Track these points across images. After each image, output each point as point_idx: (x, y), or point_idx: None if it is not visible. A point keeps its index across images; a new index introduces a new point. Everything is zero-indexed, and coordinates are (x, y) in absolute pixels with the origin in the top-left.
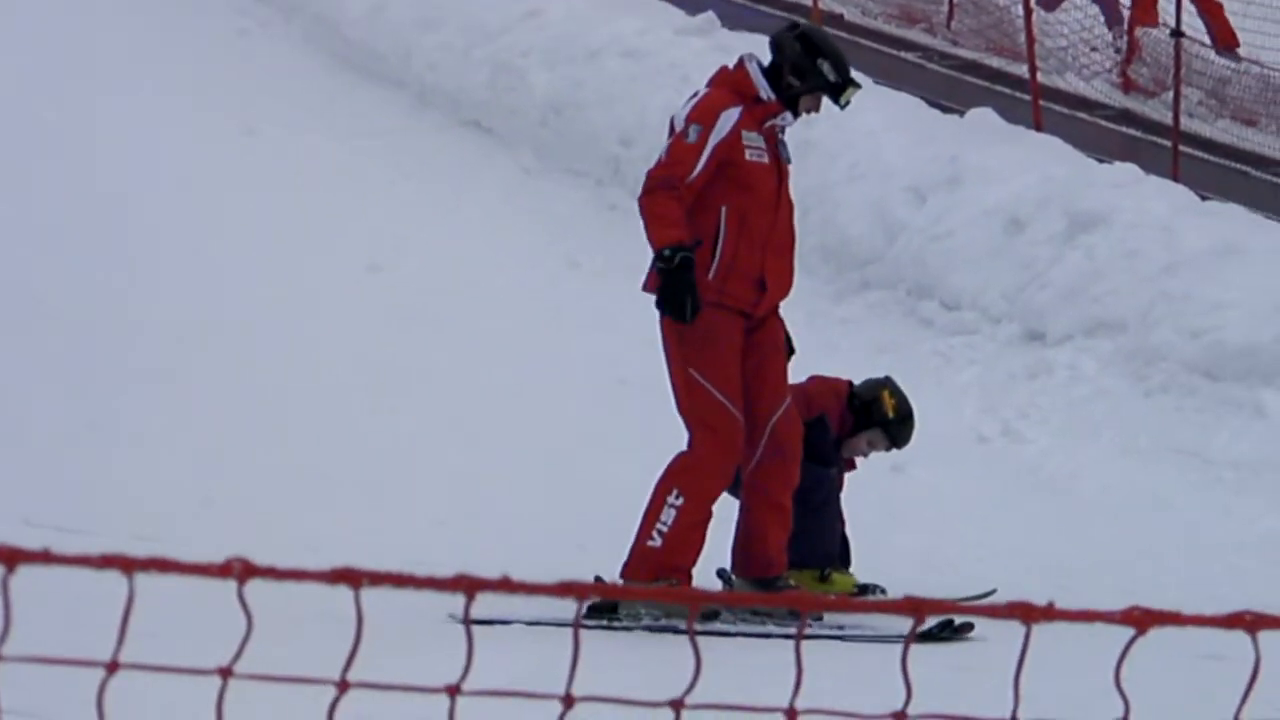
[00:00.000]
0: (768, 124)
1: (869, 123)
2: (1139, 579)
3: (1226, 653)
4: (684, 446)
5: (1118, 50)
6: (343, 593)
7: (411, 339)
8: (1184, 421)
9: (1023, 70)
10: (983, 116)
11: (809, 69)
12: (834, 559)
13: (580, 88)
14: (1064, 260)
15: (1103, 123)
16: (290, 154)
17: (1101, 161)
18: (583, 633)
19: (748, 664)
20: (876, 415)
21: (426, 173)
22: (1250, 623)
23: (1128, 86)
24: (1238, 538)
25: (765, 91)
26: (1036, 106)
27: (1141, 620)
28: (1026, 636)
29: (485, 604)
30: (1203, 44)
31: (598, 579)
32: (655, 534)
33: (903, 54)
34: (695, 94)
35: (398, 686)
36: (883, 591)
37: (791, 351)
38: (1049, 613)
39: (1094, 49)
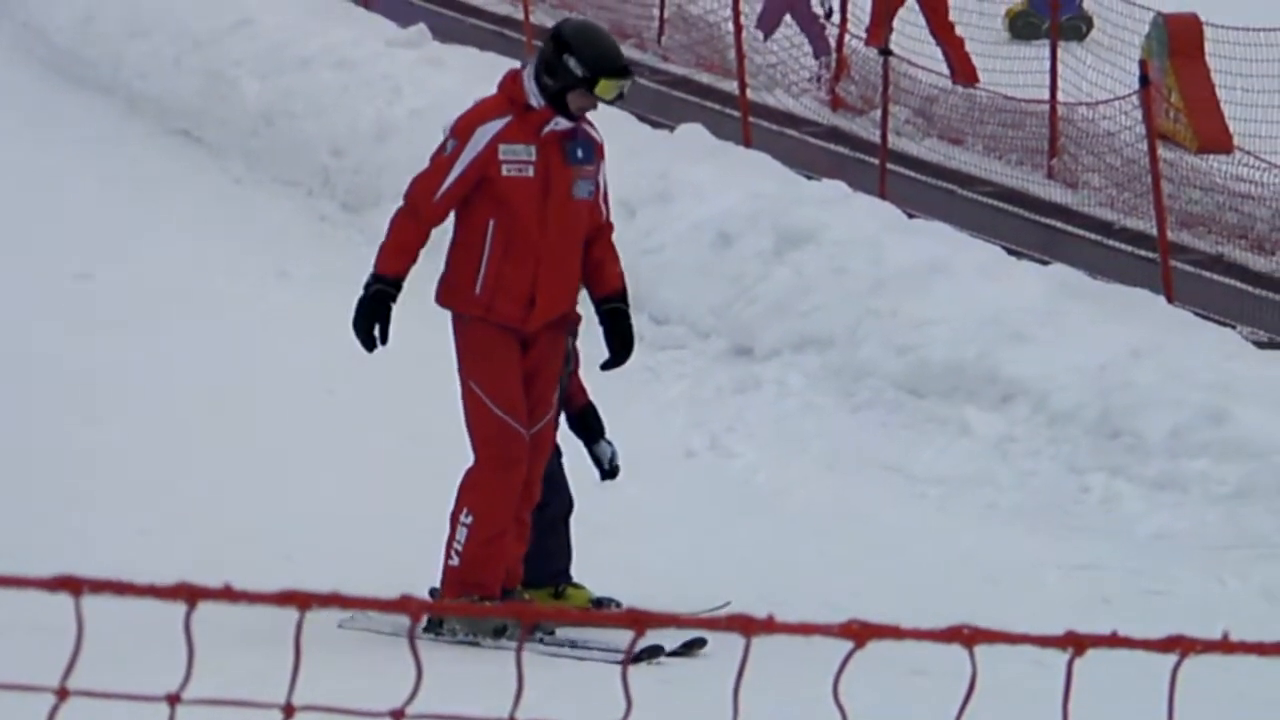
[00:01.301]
0: (545, 131)
1: None
2: (845, 593)
3: (931, 668)
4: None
5: (819, 80)
6: (63, 601)
7: (118, 348)
8: (889, 438)
9: (732, 86)
10: (692, 132)
11: (557, 65)
12: (567, 575)
13: (291, 98)
14: (772, 276)
15: (811, 140)
16: None
17: (810, 178)
18: (306, 643)
19: (472, 675)
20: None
21: (135, 181)
22: (968, 637)
23: (836, 104)
24: (942, 554)
25: (535, 98)
26: (746, 123)
27: (860, 633)
28: (746, 649)
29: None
30: (911, 63)
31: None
32: (454, 553)
33: None
34: (478, 100)
35: (117, 695)
36: (618, 605)
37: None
38: (769, 625)
39: (803, 66)
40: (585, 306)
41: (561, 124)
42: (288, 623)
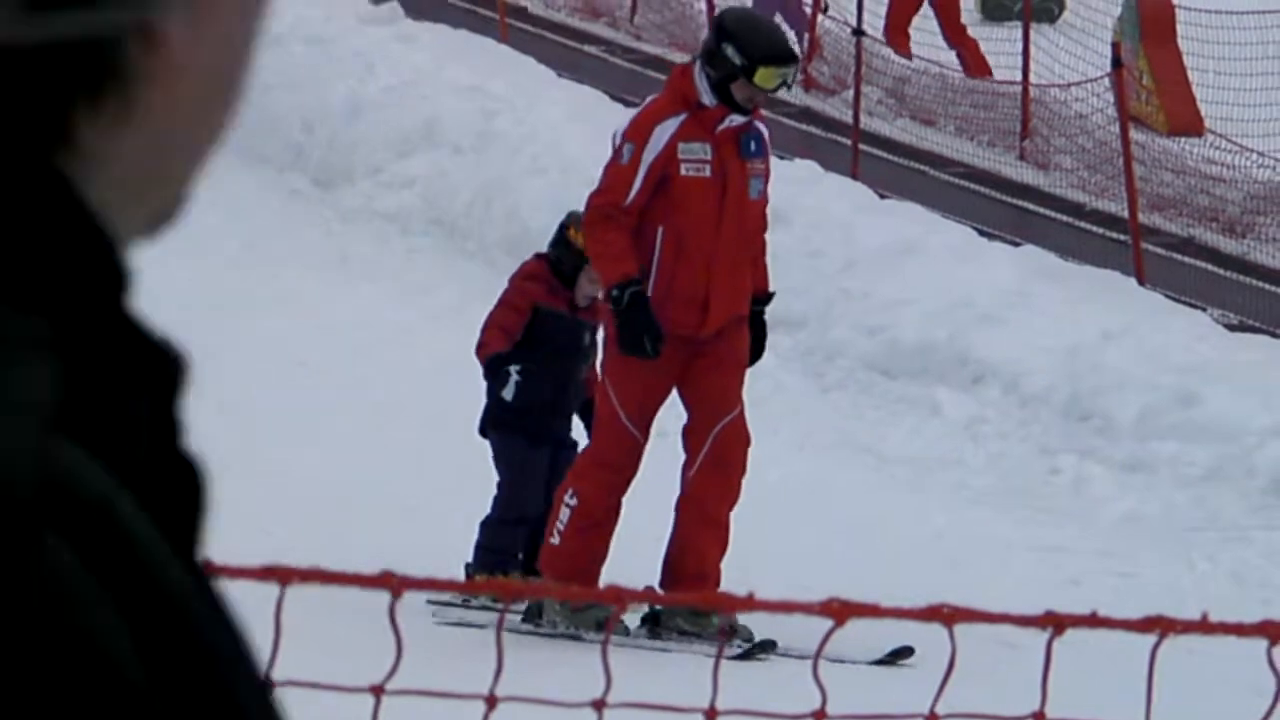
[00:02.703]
0: (720, 128)
1: (551, 116)
2: (814, 574)
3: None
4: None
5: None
6: None
7: None
8: (859, 418)
9: None
10: None
11: (717, 54)
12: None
13: (262, 73)
14: None
15: (784, 120)
16: None
17: (782, 159)
18: (286, 619)
19: (453, 652)
20: (577, 258)
21: None
22: (948, 616)
23: (809, 84)
24: (912, 535)
25: (706, 95)
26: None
27: (840, 611)
28: (730, 627)
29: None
30: (883, 43)
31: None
32: (555, 532)
33: (586, 47)
34: (645, 101)
35: None
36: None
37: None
38: (749, 604)
39: None
40: None
41: (736, 120)
42: (267, 599)
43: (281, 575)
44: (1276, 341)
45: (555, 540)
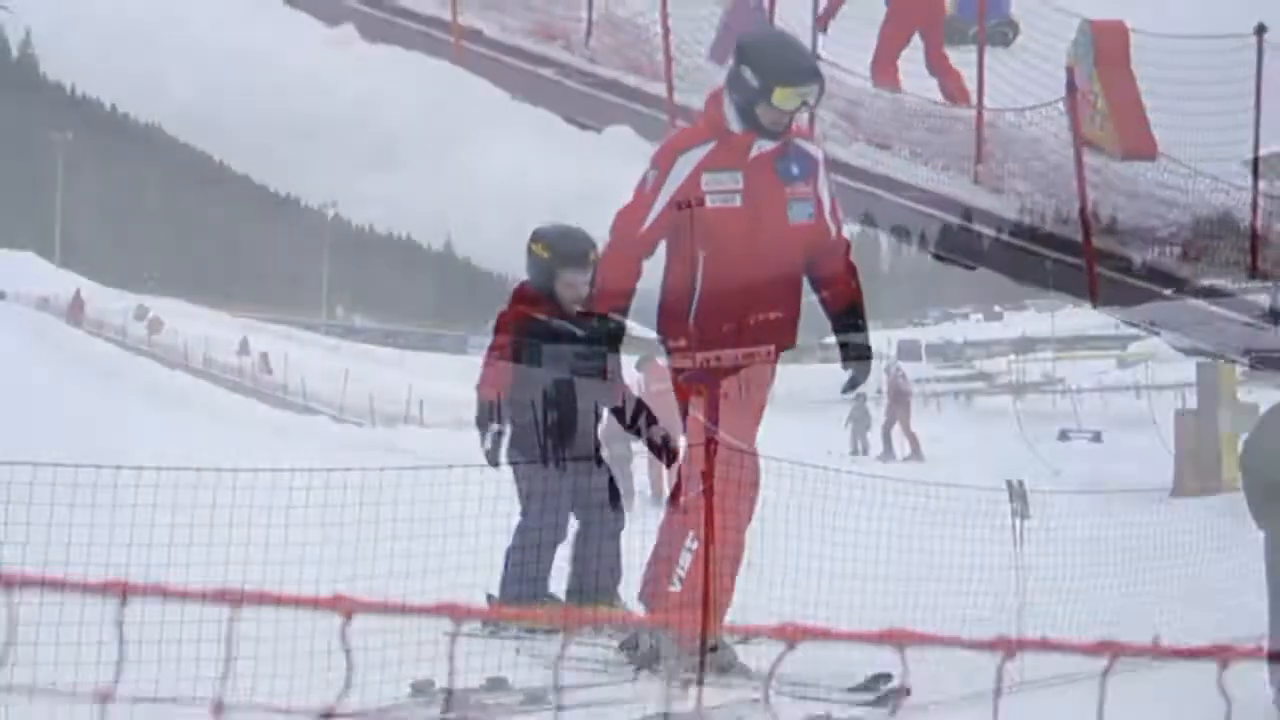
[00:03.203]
0: (753, 155)
1: (506, 139)
2: (777, 593)
3: (860, 672)
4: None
5: None
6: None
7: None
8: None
9: (660, 89)
10: (620, 134)
11: (738, 78)
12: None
13: (218, 93)
14: None
15: None
16: None
17: None
18: (238, 642)
19: (406, 675)
20: (544, 269)
21: (60, 170)
22: (899, 638)
23: None
24: (869, 552)
25: (734, 121)
26: (673, 125)
27: (794, 634)
28: (701, 651)
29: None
30: (837, 66)
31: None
32: (676, 579)
33: (541, 70)
34: (682, 127)
35: (46, 690)
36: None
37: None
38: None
39: None
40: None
41: (767, 145)
42: (220, 621)
43: (232, 598)
44: (1228, 366)
45: (676, 587)
